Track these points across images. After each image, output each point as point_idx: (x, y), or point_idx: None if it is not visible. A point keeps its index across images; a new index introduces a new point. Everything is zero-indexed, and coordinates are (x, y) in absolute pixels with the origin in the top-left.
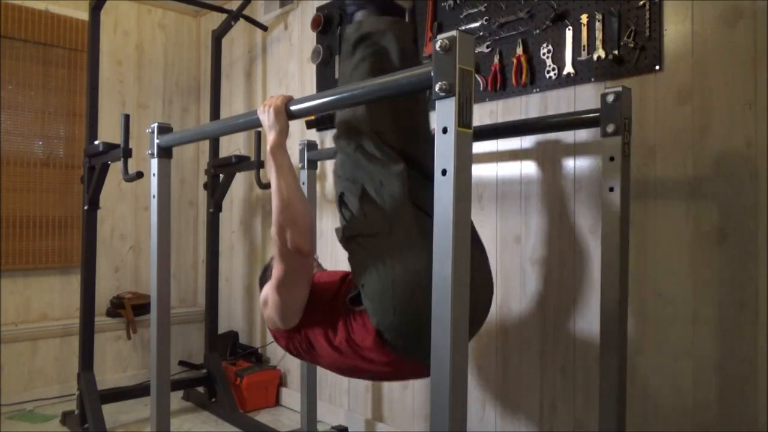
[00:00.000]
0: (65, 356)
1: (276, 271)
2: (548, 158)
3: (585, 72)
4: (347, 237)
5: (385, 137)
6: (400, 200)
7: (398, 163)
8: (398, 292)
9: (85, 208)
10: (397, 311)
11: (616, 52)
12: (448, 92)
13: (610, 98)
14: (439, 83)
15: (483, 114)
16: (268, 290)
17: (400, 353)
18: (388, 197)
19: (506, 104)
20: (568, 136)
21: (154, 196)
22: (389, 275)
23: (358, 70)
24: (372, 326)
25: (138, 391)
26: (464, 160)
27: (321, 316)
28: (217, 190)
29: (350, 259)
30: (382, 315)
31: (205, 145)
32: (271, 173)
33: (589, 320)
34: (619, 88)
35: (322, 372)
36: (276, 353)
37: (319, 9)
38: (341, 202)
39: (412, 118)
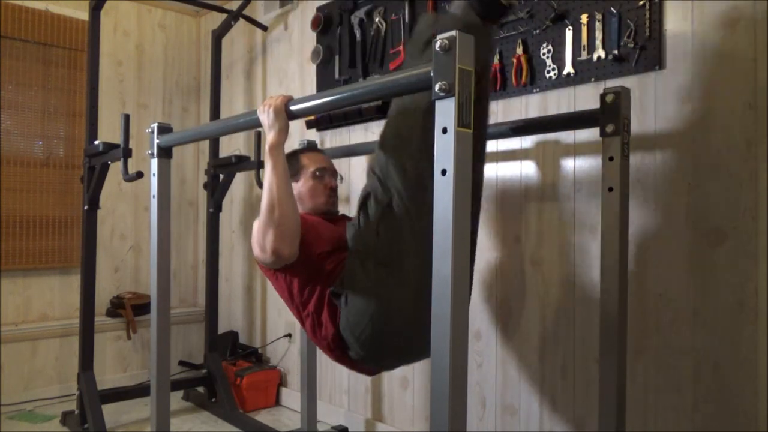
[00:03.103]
0: (65, 356)
1: (257, 237)
2: (548, 158)
3: (585, 72)
4: (353, 247)
5: (430, 157)
6: (413, 237)
7: (428, 193)
8: (371, 330)
9: (85, 208)
10: (361, 341)
11: (616, 51)
12: (448, 92)
13: (610, 98)
14: (439, 83)
15: None
16: (255, 232)
17: (351, 357)
18: (407, 228)
19: (506, 104)
20: (568, 136)
21: (154, 196)
22: (371, 310)
23: None
24: (336, 326)
25: (138, 391)
26: (464, 160)
27: (310, 267)
28: (217, 190)
29: (348, 264)
30: (348, 333)
31: (205, 145)
32: (265, 172)
33: (589, 320)
34: (618, 88)
35: (322, 372)
36: (276, 353)
37: (319, 9)
38: (364, 203)
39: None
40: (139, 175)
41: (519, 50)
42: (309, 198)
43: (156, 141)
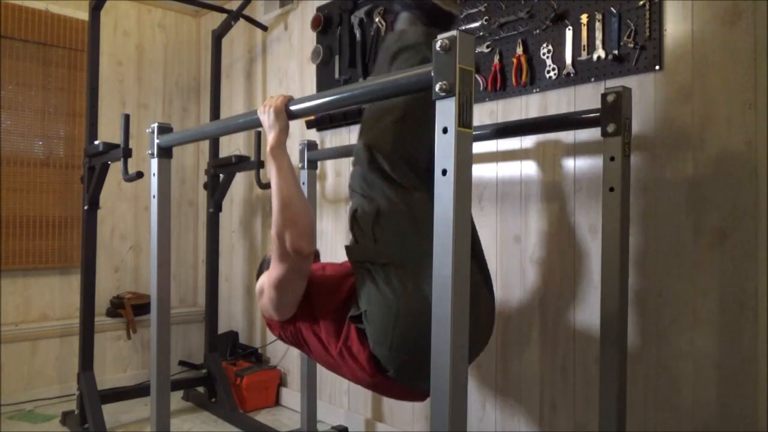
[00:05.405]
0: (65, 356)
1: (274, 268)
2: (548, 158)
3: (585, 72)
4: (356, 261)
5: (407, 159)
6: (413, 231)
7: (417, 191)
8: (399, 331)
9: (85, 208)
10: (394, 348)
11: (616, 51)
12: (448, 92)
13: (611, 98)
14: (439, 83)
15: (483, 114)
16: (264, 283)
17: (392, 377)
18: (402, 226)
19: (506, 104)
20: (568, 136)
21: (154, 196)
22: (392, 311)
23: None
24: (368, 346)
25: (138, 391)
26: (464, 160)
27: (318, 312)
28: (217, 190)
29: (357, 282)
30: (380, 346)
31: (205, 145)
32: (271, 173)
33: (589, 320)
34: (620, 88)
35: (322, 372)
36: (276, 353)
37: (319, 9)
38: (353, 218)
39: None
40: (139, 175)
41: (519, 50)
42: None
43: (156, 141)
